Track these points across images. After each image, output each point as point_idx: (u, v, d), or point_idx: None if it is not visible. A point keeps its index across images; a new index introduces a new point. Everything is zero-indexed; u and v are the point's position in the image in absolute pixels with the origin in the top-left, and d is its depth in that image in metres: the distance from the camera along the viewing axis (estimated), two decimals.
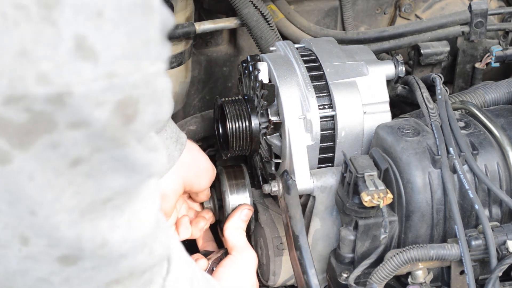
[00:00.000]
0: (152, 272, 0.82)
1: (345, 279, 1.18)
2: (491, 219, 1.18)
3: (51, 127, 0.61)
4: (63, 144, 0.63)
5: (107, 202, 0.70)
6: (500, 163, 1.20)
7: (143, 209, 0.75)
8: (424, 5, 1.79)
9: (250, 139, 1.32)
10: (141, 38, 0.64)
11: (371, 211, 1.15)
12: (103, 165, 0.66)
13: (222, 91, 1.80)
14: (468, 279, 1.09)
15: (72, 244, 0.70)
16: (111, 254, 0.73)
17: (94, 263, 0.73)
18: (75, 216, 0.68)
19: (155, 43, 0.65)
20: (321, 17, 1.75)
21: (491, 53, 1.57)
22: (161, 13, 0.66)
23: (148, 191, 0.76)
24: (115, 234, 0.72)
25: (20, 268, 0.71)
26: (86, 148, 0.64)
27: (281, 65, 1.31)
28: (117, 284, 0.78)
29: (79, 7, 0.60)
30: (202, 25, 1.60)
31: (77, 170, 0.65)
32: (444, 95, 1.29)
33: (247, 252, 1.32)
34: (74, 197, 0.66)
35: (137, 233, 0.75)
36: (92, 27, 0.60)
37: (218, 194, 1.43)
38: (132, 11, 0.62)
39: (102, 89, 0.62)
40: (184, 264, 0.92)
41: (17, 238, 0.68)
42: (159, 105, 0.68)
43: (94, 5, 0.60)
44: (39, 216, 0.66)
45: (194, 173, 1.33)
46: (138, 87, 0.64)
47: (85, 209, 0.68)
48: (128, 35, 0.63)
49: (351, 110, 1.27)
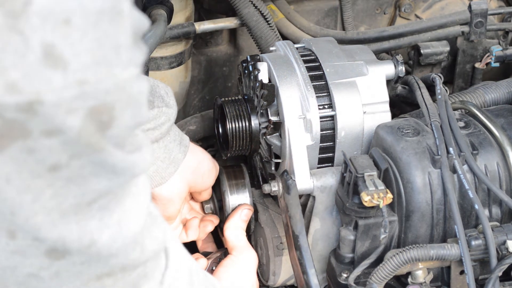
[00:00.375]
0: (146, 266, 0.82)
1: (345, 279, 1.18)
2: (491, 219, 1.18)
3: (25, 134, 0.62)
4: (39, 151, 0.63)
5: (92, 204, 0.70)
6: (500, 163, 1.20)
7: (133, 207, 0.76)
8: (424, 5, 1.79)
9: (250, 139, 1.32)
10: (111, 44, 0.64)
11: (371, 211, 1.15)
12: (83, 169, 0.67)
13: (222, 91, 1.80)
14: (468, 279, 1.09)
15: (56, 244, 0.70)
16: (100, 253, 0.74)
17: (82, 258, 0.73)
18: (55, 217, 0.68)
19: (126, 48, 0.65)
20: (321, 17, 1.75)
21: (491, 53, 1.57)
22: (133, 17, 0.66)
23: (137, 189, 0.76)
24: (104, 234, 0.72)
25: (9, 264, 0.72)
26: (63, 154, 0.64)
27: (281, 65, 1.31)
28: (109, 277, 0.78)
29: (46, 16, 0.59)
30: (202, 25, 1.60)
31: (57, 175, 0.66)
32: (444, 95, 1.29)
33: (247, 252, 1.32)
34: (53, 198, 0.67)
35: (127, 231, 0.75)
36: (59, 35, 0.60)
37: (218, 194, 1.43)
38: (100, 17, 0.62)
39: (73, 96, 0.62)
40: (182, 259, 0.92)
41: (4, 231, 0.68)
42: (137, 108, 0.68)
43: (61, 13, 0.60)
44: (20, 217, 0.67)
45: (199, 174, 1.33)
46: (111, 93, 0.64)
47: (67, 210, 0.68)
48: (97, 42, 0.63)
49: (351, 110, 1.27)
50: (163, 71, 1.62)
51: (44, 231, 0.68)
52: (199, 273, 0.97)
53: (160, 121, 1.22)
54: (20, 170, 0.64)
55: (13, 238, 0.69)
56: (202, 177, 1.33)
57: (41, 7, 0.59)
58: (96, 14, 0.62)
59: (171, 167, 1.27)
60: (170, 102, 1.24)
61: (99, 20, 0.62)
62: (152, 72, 1.60)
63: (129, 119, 0.67)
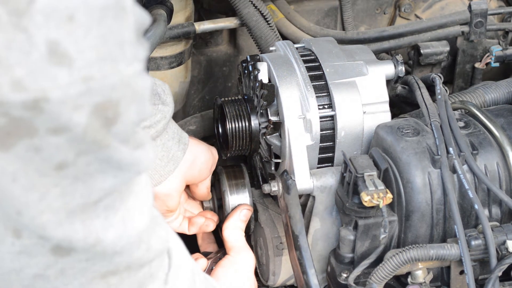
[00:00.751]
0: (151, 266, 0.83)
1: (344, 279, 1.18)
2: (490, 219, 1.18)
3: (31, 132, 0.62)
4: (46, 149, 0.63)
5: (98, 203, 0.70)
6: (499, 163, 1.20)
7: (136, 205, 0.76)
8: (424, 5, 1.79)
9: (249, 139, 1.32)
10: (115, 40, 0.64)
11: (370, 211, 1.15)
12: (89, 167, 0.67)
13: (222, 91, 1.80)
14: (468, 279, 1.09)
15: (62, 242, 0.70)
16: (105, 252, 0.74)
17: (88, 255, 0.73)
18: (61, 216, 0.68)
19: (130, 44, 0.65)
20: (321, 17, 1.75)
21: (491, 53, 1.57)
22: (135, 13, 0.66)
23: (140, 187, 0.76)
24: (109, 233, 0.72)
25: (14, 266, 0.72)
26: (70, 152, 0.64)
27: (280, 65, 1.31)
28: (114, 275, 0.78)
29: (49, 13, 0.60)
30: (202, 25, 1.60)
31: (64, 173, 0.66)
32: (444, 95, 1.29)
33: (245, 253, 1.32)
34: (60, 198, 0.67)
35: (132, 230, 0.75)
36: (64, 32, 0.60)
37: (218, 194, 1.43)
38: (104, 14, 0.62)
39: (79, 93, 0.62)
40: (185, 259, 0.92)
41: (10, 231, 0.68)
42: (142, 104, 0.68)
43: (65, 10, 0.60)
44: (25, 216, 0.67)
45: (196, 168, 1.33)
46: (116, 89, 0.64)
47: (74, 210, 0.68)
48: (101, 38, 0.63)
49: (350, 110, 1.27)
50: (163, 71, 1.62)
51: (49, 230, 0.68)
52: (199, 273, 0.97)
53: (155, 119, 1.22)
54: (26, 169, 0.64)
55: (19, 237, 0.69)
56: (199, 171, 1.34)
57: (45, 5, 0.59)
58: (100, 10, 0.62)
59: (170, 165, 1.27)
60: (166, 100, 1.24)
61: (103, 16, 0.62)
62: (152, 72, 1.60)
63: (134, 115, 0.67)
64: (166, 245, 0.85)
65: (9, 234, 0.69)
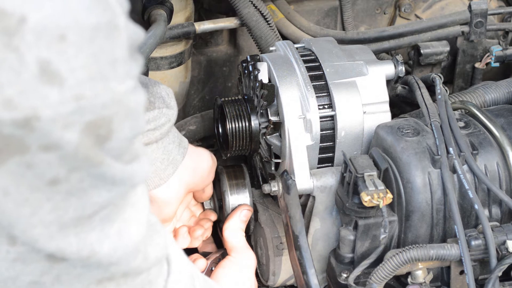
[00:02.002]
0: (150, 274, 0.82)
1: (344, 279, 1.18)
2: (491, 219, 1.18)
3: (23, 149, 0.62)
4: (38, 165, 0.64)
5: (94, 216, 0.70)
6: (500, 163, 1.20)
7: (133, 216, 0.76)
8: (424, 5, 1.79)
9: (249, 139, 1.32)
10: (107, 59, 0.64)
11: (371, 211, 1.15)
12: (82, 183, 0.67)
13: (222, 91, 1.80)
14: (468, 279, 1.09)
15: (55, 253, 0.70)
16: (100, 263, 0.74)
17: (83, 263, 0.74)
18: (53, 230, 0.68)
19: (122, 62, 0.66)
20: (321, 17, 1.75)
21: (491, 53, 1.57)
22: (128, 30, 0.66)
23: (136, 197, 0.76)
24: (104, 245, 0.73)
25: (10, 274, 0.72)
26: (62, 168, 0.65)
27: (281, 65, 1.31)
28: (110, 281, 0.78)
29: (40, 32, 0.60)
30: (202, 25, 1.60)
31: (56, 189, 0.66)
32: (444, 95, 1.29)
33: (246, 253, 1.31)
34: (53, 212, 0.67)
35: (128, 241, 0.76)
36: (55, 51, 0.61)
37: (218, 194, 1.43)
38: (95, 33, 0.63)
39: (70, 111, 0.62)
40: (184, 265, 0.92)
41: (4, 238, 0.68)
42: (135, 119, 0.68)
43: (56, 29, 0.60)
44: (17, 228, 0.67)
45: (198, 175, 1.32)
46: (108, 107, 0.64)
47: (67, 223, 0.69)
48: (93, 57, 0.63)
49: (351, 110, 1.27)
50: (163, 71, 1.62)
51: (42, 243, 0.69)
52: (199, 277, 0.97)
53: (160, 122, 1.22)
54: (18, 184, 0.64)
55: (13, 244, 0.69)
56: (201, 177, 1.33)
57: (35, 24, 0.59)
58: (92, 29, 0.62)
59: (169, 168, 1.26)
60: (170, 103, 1.24)
61: (94, 35, 0.63)
62: (152, 72, 1.60)
63: (128, 131, 0.67)
64: (164, 252, 0.85)
65: (4, 242, 0.69)
